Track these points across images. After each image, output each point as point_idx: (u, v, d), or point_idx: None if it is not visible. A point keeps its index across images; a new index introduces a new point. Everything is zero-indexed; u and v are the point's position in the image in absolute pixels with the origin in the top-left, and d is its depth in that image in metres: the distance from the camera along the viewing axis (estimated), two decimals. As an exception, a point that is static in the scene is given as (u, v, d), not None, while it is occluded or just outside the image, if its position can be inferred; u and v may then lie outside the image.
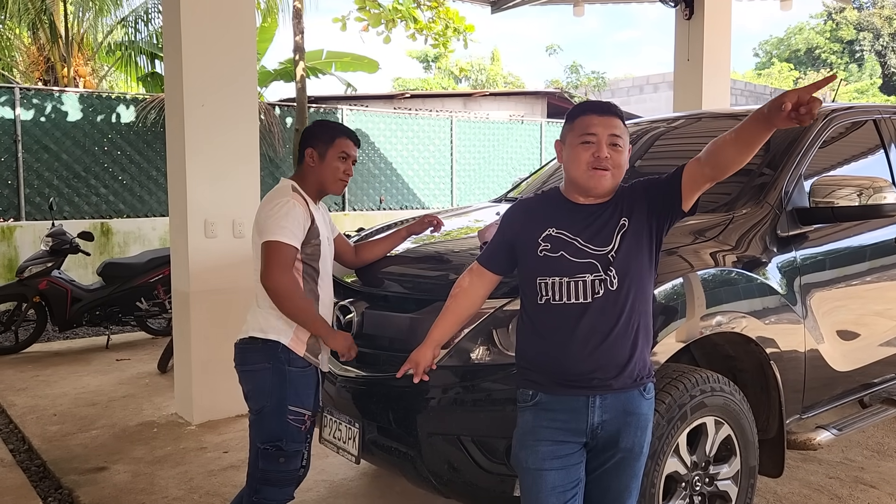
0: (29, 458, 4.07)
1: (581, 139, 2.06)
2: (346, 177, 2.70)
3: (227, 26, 4.43)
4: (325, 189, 2.69)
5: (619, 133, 2.06)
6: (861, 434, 4.15)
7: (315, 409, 2.64)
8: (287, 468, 2.58)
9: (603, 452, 2.08)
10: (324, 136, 2.67)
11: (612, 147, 2.05)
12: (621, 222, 2.06)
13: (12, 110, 8.77)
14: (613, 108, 2.11)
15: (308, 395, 2.60)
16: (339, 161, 2.66)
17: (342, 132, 2.71)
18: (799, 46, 37.65)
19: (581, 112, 2.11)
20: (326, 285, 2.69)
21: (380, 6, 10.23)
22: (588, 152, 2.04)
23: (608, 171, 2.04)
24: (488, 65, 32.40)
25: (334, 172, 2.66)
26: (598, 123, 2.05)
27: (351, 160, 2.71)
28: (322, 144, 2.66)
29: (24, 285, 6.40)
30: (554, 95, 17.03)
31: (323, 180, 2.67)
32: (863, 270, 3.36)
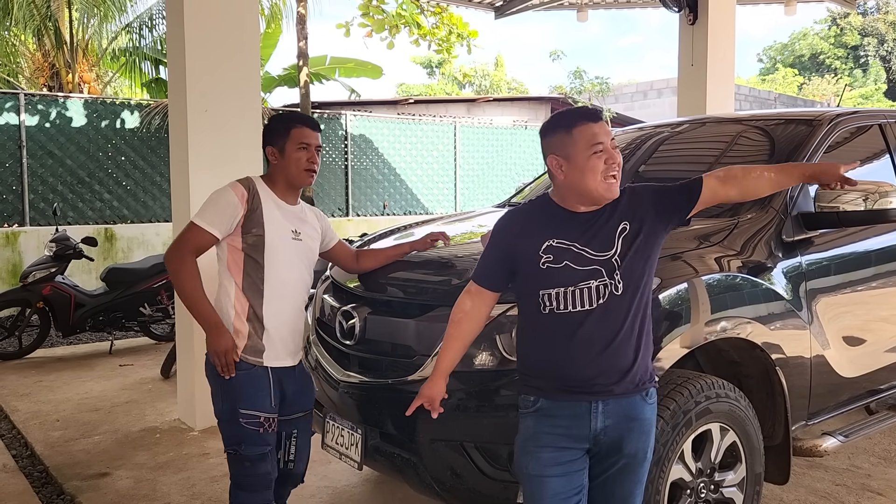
0: (31, 464, 4.06)
1: (592, 150, 2.01)
2: (311, 165, 2.60)
3: (231, 32, 4.43)
4: (293, 183, 2.61)
5: (613, 136, 2.05)
6: (867, 441, 4.12)
7: (274, 409, 2.55)
8: (254, 472, 2.54)
9: (606, 458, 2.06)
10: (279, 130, 2.59)
11: (617, 150, 2.05)
12: (622, 226, 2.04)
13: (17, 116, 8.80)
14: (600, 113, 2.13)
15: (260, 397, 2.52)
16: (300, 152, 2.58)
17: (297, 121, 2.60)
18: (803, 52, 37.64)
19: (575, 121, 2.03)
20: (281, 284, 2.57)
21: (383, 12, 10.26)
22: (602, 160, 2.01)
23: (619, 175, 2.04)
24: (492, 70, 32.44)
25: (297, 164, 2.58)
26: (601, 132, 2.02)
27: (313, 148, 2.61)
28: (279, 139, 2.58)
29: (27, 290, 6.40)
30: (558, 101, 17.03)
31: (288, 175, 2.60)
32: (869, 276, 3.34)
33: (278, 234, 2.55)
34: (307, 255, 2.66)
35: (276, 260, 2.55)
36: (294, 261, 2.60)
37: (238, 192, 2.53)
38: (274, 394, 2.56)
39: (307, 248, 2.66)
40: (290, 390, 2.63)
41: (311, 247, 2.69)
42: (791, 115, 3.64)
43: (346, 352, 2.89)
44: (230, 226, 2.51)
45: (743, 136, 3.65)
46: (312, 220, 2.73)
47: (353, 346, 2.84)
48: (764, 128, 3.63)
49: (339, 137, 11.60)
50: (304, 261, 2.65)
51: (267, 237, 2.53)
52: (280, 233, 2.56)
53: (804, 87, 33.16)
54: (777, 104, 21.06)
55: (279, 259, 2.56)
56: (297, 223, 2.63)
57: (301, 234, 2.62)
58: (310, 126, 2.61)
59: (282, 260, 2.56)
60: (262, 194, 2.57)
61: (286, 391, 2.62)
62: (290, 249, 2.59)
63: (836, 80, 33.31)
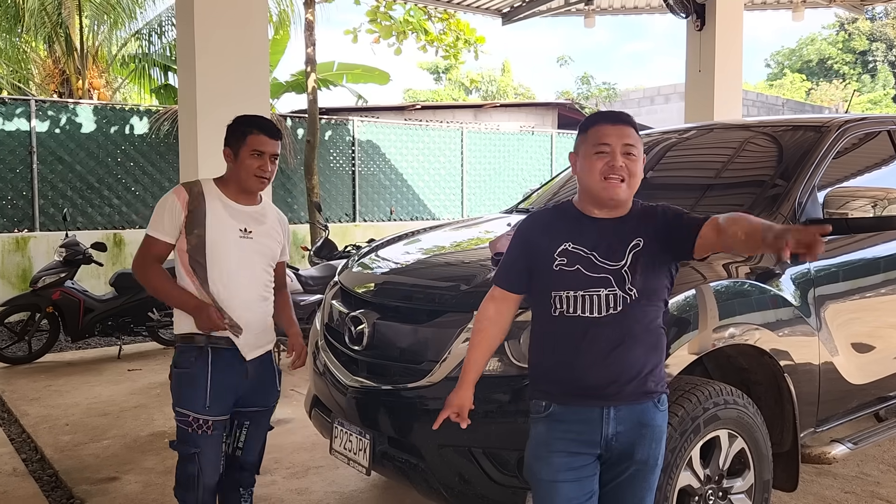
0: (41, 468, 4.08)
1: (595, 149, 2.04)
2: (262, 173, 2.57)
3: (240, 39, 4.47)
4: (244, 188, 2.61)
5: (632, 142, 2.04)
6: (877, 448, 4.10)
7: (206, 411, 2.53)
8: (183, 469, 2.59)
9: (617, 465, 2.07)
10: (236, 134, 2.59)
11: (626, 156, 2.03)
12: (635, 241, 2.04)
13: (28, 122, 8.86)
14: (626, 117, 2.10)
15: (193, 398, 2.54)
16: (253, 158, 2.56)
17: (255, 127, 2.58)
18: (811, 57, 37.56)
19: (594, 122, 2.10)
20: (227, 281, 2.56)
21: (391, 18, 10.30)
22: (602, 162, 2.02)
23: (623, 180, 2.03)
24: (499, 76, 32.50)
25: (248, 171, 2.56)
26: (611, 133, 2.04)
27: (268, 156, 2.58)
28: (235, 142, 2.58)
29: (37, 295, 6.44)
30: (565, 107, 17.05)
31: (239, 180, 2.60)
32: (878, 282, 3.33)
33: (222, 232, 2.55)
34: (261, 251, 2.64)
35: (220, 257, 2.55)
36: (243, 257, 2.58)
37: (179, 195, 2.57)
38: (210, 395, 2.54)
39: (261, 245, 2.63)
40: (244, 385, 2.61)
41: (267, 244, 2.66)
42: (799, 122, 3.64)
43: (355, 357, 2.90)
44: (176, 229, 2.55)
45: (751, 142, 3.65)
46: (273, 223, 2.71)
47: (362, 351, 2.85)
48: (772, 134, 3.63)
49: (347, 143, 11.64)
50: (258, 258, 2.63)
51: (208, 236, 2.53)
52: (224, 231, 2.55)
53: (812, 92, 33.09)
54: (785, 110, 21.02)
55: (223, 256, 2.55)
56: (249, 222, 2.61)
57: (253, 233, 2.60)
58: (267, 134, 2.58)
59: (226, 257, 2.55)
60: (209, 195, 2.58)
61: (238, 387, 2.60)
62: (236, 247, 2.57)
63: (844, 85, 33.23)
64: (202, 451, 2.56)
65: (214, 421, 2.56)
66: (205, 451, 2.57)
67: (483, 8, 9.57)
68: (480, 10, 9.63)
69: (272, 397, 2.77)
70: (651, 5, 9.77)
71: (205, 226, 2.53)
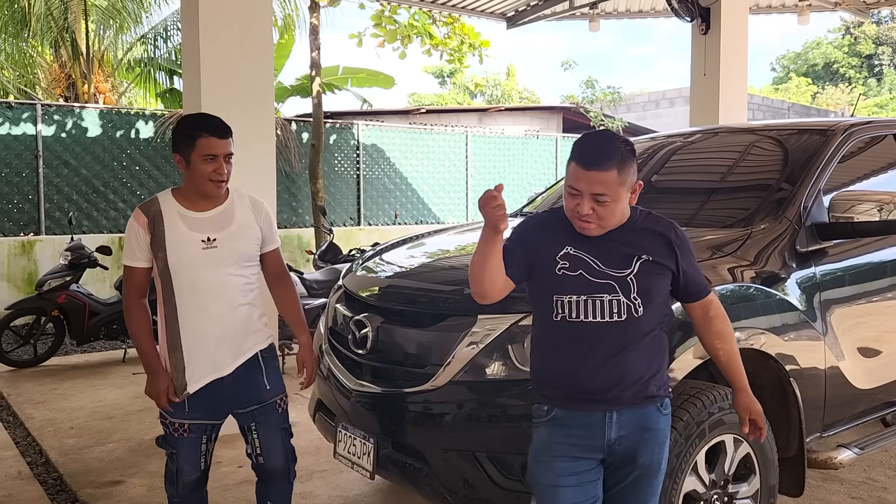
0: (46, 471, 4.09)
1: (568, 187, 2.00)
2: (217, 177, 2.46)
3: (245, 43, 4.47)
4: (203, 194, 2.50)
5: (602, 191, 1.94)
6: (884, 453, 4.08)
7: (184, 415, 2.54)
8: (167, 466, 2.64)
9: (620, 469, 2.06)
10: (185, 138, 2.46)
11: (595, 202, 1.96)
12: (645, 256, 2.03)
13: (34, 126, 8.90)
14: (602, 161, 1.93)
15: (173, 407, 2.56)
16: (206, 164, 2.44)
17: (202, 130, 2.45)
18: (817, 61, 37.50)
19: (573, 157, 1.99)
20: (195, 296, 2.48)
21: (396, 22, 10.32)
22: (573, 202, 1.99)
23: (592, 223, 1.99)
24: (503, 80, 32.53)
25: (202, 176, 2.45)
26: (582, 178, 1.95)
27: (221, 157, 2.46)
28: (185, 148, 2.46)
29: (43, 299, 6.46)
30: (569, 110, 17.03)
31: (195, 187, 2.49)
32: (884, 286, 3.32)
33: (182, 249, 2.47)
34: (229, 258, 2.52)
35: (184, 274, 2.48)
36: (209, 267, 2.49)
37: (139, 219, 2.50)
38: (189, 402, 2.55)
39: (228, 250, 2.51)
40: (227, 395, 2.58)
41: (235, 247, 2.53)
42: (805, 126, 3.63)
43: (359, 361, 2.89)
44: (146, 252, 2.50)
45: (756, 146, 3.64)
46: (243, 218, 2.57)
47: (366, 355, 2.85)
48: (777, 138, 3.62)
49: (351, 147, 11.65)
50: (225, 265, 2.51)
51: (169, 257, 2.47)
52: (184, 248, 2.47)
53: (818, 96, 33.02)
54: (790, 114, 20.97)
55: (187, 272, 2.48)
56: (212, 229, 2.50)
57: (217, 241, 2.49)
58: (216, 134, 2.46)
59: (191, 273, 2.48)
60: (166, 212, 2.49)
61: (222, 393, 2.56)
62: (199, 260, 2.48)
63: (850, 89, 33.16)
64: (179, 451, 2.60)
65: (191, 424, 2.57)
66: (181, 451, 2.61)
67: (488, 12, 9.57)
68: (485, 14, 9.64)
69: (267, 393, 2.62)
70: (656, 9, 9.77)
71: (166, 247, 2.46)
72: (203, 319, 2.51)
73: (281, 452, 2.64)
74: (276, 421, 2.65)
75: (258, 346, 2.63)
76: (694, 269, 2.13)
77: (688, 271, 2.10)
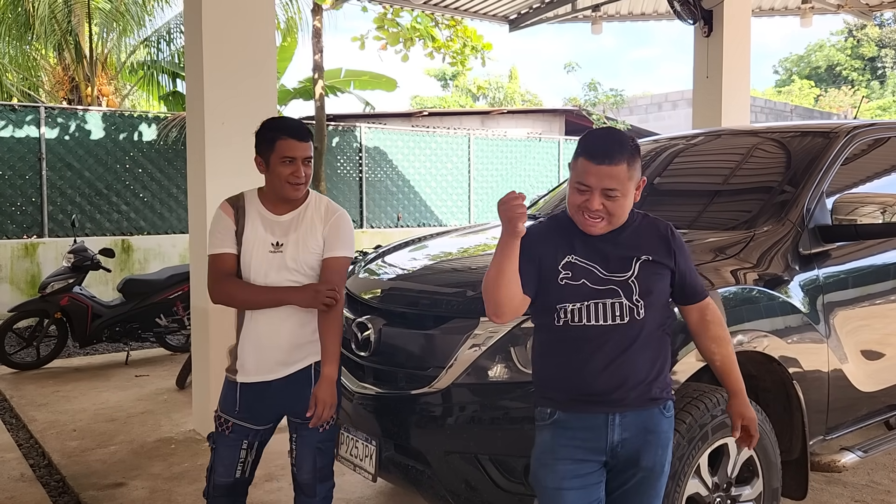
0: (48, 474, 4.09)
1: (576, 184, 1.99)
2: (295, 179, 2.47)
3: (248, 46, 4.48)
4: (280, 196, 2.53)
5: (613, 186, 1.94)
6: (887, 456, 4.07)
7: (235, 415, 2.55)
8: (213, 458, 2.62)
9: (623, 472, 2.05)
10: (266, 140, 2.49)
11: (606, 198, 1.96)
12: (645, 256, 2.03)
13: (37, 129, 8.92)
14: (612, 154, 1.94)
15: (227, 401, 2.59)
16: (284, 165, 2.45)
17: (283, 132, 2.47)
18: (819, 64, 37.47)
19: (581, 152, 1.98)
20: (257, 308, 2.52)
21: (398, 25, 10.34)
22: (581, 198, 1.98)
23: (601, 219, 1.99)
24: (506, 82, 32.52)
25: (280, 178, 2.47)
26: (592, 174, 1.94)
27: (300, 160, 2.46)
28: (265, 150, 2.49)
29: (45, 301, 6.47)
30: (572, 113, 17.05)
31: (274, 188, 2.51)
32: (887, 289, 3.31)
33: (253, 249, 2.49)
34: (291, 263, 2.50)
35: (249, 277, 2.50)
36: (270, 274, 2.49)
37: (226, 210, 2.54)
38: (240, 402, 2.56)
39: (290, 256, 2.50)
40: (271, 401, 2.56)
41: (297, 255, 2.50)
42: (807, 128, 3.62)
43: (361, 363, 2.89)
44: (233, 239, 2.51)
45: (759, 148, 3.64)
46: (310, 226, 2.53)
47: (368, 357, 2.85)
48: (780, 140, 3.62)
49: (354, 150, 11.66)
50: (285, 273, 2.49)
51: (242, 254, 2.50)
52: (255, 248, 2.49)
53: (821, 98, 32.99)
54: (793, 116, 20.95)
55: (251, 276, 2.50)
56: (282, 233, 2.51)
57: (283, 245, 2.49)
58: (297, 137, 2.47)
59: (256, 273, 2.50)
60: (249, 209, 2.53)
61: (272, 398, 2.55)
62: (263, 264, 2.49)
63: (853, 91, 33.12)
64: (217, 448, 2.60)
65: (234, 423, 2.57)
66: (219, 449, 2.60)
67: (490, 14, 9.58)
68: (487, 17, 9.65)
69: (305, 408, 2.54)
70: (658, 12, 9.77)
71: (241, 243, 2.50)
72: (260, 321, 2.52)
73: (310, 470, 2.60)
74: (312, 440, 2.59)
75: (312, 358, 2.55)
76: (691, 270, 2.13)
77: (685, 272, 2.10)
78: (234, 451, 2.59)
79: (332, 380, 2.48)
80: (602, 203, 1.96)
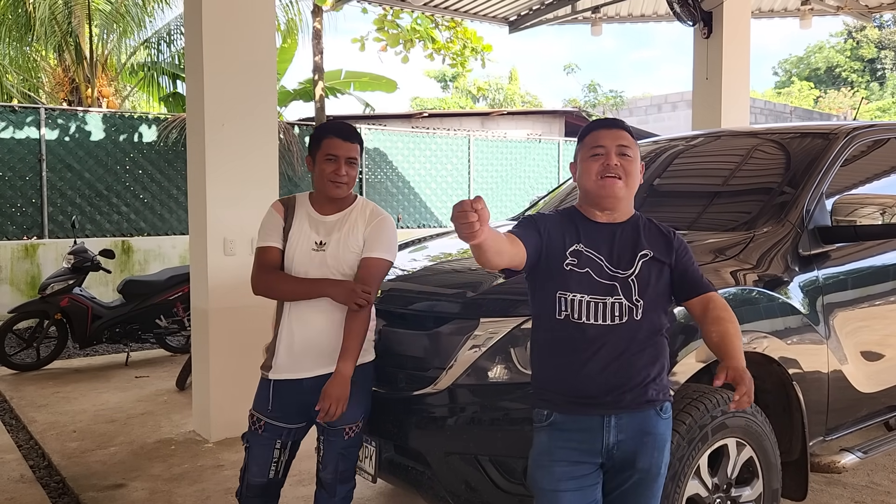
0: (48, 475, 4.09)
1: (591, 152, 2.11)
2: (335, 177, 2.53)
3: (248, 47, 4.49)
4: (324, 193, 2.59)
5: (626, 143, 2.10)
6: (887, 457, 4.07)
7: (268, 414, 2.58)
8: (246, 457, 2.65)
9: (620, 473, 2.06)
10: (315, 140, 2.60)
11: (621, 157, 2.08)
12: (645, 251, 2.06)
13: (37, 130, 8.93)
14: (620, 122, 2.17)
15: (260, 399, 2.62)
16: (327, 163, 2.54)
17: (329, 131, 2.57)
18: (819, 65, 37.47)
19: (589, 129, 2.17)
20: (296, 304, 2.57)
21: (398, 27, 10.35)
22: (598, 163, 2.08)
23: (619, 178, 2.06)
24: (506, 84, 32.53)
25: (322, 175, 2.55)
26: (605, 136, 2.11)
27: (343, 160, 2.52)
28: (313, 148, 2.60)
29: (45, 302, 6.47)
30: (572, 114, 17.06)
31: (317, 185, 2.60)
32: (887, 290, 3.31)
33: (298, 247, 2.57)
34: (333, 263, 2.55)
35: (293, 269, 2.58)
36: (311, 272, 2.55)
37: (277, 208, 2.65)
38: (273, 400, 2.59)
39: (334, 258, 2.55)
40: (302, 400, 2.57)
41: (336, 254, 2.55)
42: (807, 129, 3.63)
43: (361, 364, 2.89)
44: (280, 235, 2.60)
45: (758, 149, 3.64)
46: (352, 227, 2.58)
47: (368, 358, 2.84)
48: (780, 141, 3.62)
49: (354, 151, 11.66)
50: (329, 269, 2.54)
51: (287, 250, 2.59)
52: (300, 245, 2.57)
53: (820, 100, 33.00)
54: (793, 118, 20.96)
55: (296, 269, 2.57)
56: (325, 233, 2.57)
57: (326, 244, 2.55)
58: (341, 136, 2.56)
59: (298, 270, 2.57)
60: (299, 209, 2.63)
61: (305, 399, 2.56)
62: (306, 262, 2.55)
63: (852, 93, 33.14)
64: (251, 448, 2.63)
65: (267, 422, 2.59)
66: (253, 448, 2.63)
67: (490, 16, 9.59)
68: (487, 19, 9.65)
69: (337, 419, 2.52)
70: (658, 13, 9.77)
71: (287, 240, 2.59)
72: (298, 318, 2.57)
73: (332, 472, 2.65)
74: (338, 445, 2.61)
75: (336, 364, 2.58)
76: (693, 264, 2.15)
77: (687, 268, 2.12)
78: (268, 451, 2.62)
79: (345, 376, 2.49)
80: (618, 162, 2.07)
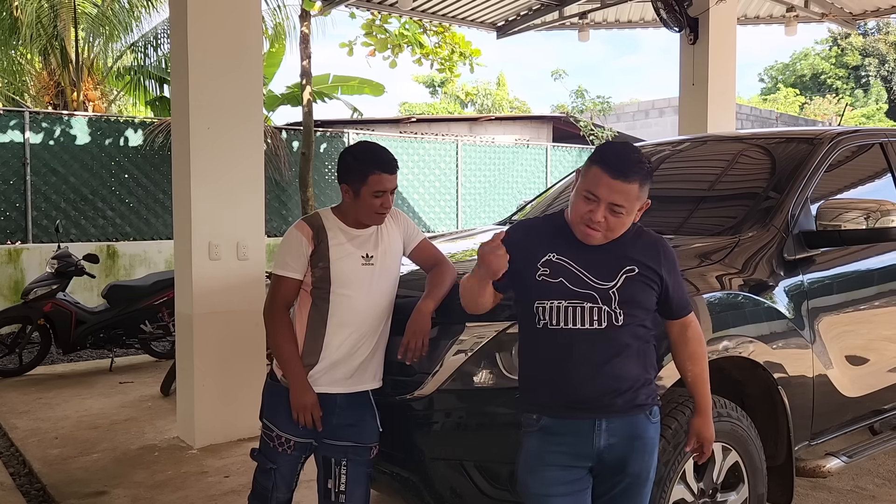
0: (29, 482, 4.04)
1: (584, 192, 2.00)
2: (383, 210, 2.53)
3: (234, 51, 4.46)
4: (364, 223, 2.57)
5: (621, 202, 1.96)
6: (871, 461, 4.08)
7: (290, 430, 2.52)
8: (258, 479, 2.59)
9: (610, 478, 2.05)
10: (356, 174, 2.50)
11: (610, 212, 1.98)
12: (629, 267, 2.03)
13: (22, 134, 8.85)
14: (628, 172, 1.96)
15: (278, 413, 2.53)
16: (374, 198, 2.49)
17: (375, 167, 2.49)
18: (804, 72, 37.78)
19: (598, 161, 1.99)
20: (345, 313, 2.52)
21: (386, 31, 10.33)
22: (586, 207, 1.99)
23: (599, 232, 2.00)
24: (494, 89, 32.62)
25: (369, 209, 2.51)
26: (605, 186, 1.95)
27: (389, 192, 2.53)
28: (355, 181, 2.49)
29: (28, 307, 6.41)
30: (560, 120, 17.09)
31: (358, 216, 2.56)
32: (871, 294, 3.33)
33: (346, 263, 2.51)
34: (384, 277, 2.58)
35: (343, 289, 2.51)
36: (365, 287, 2.53)
37: (303, 230, 2.54)
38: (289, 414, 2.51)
39: (383, 269, 2.57)
40: (331, 417, 2.53)
41: (389, 266, 2.60)
42: (792, 134, 3.65)
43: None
44: (303, 265, 2.52)
45: (744, 154, 3.65)
46: (390, 234, 2.63)
47: (353, 363, 2.82)
48: (765, 146, 3.64)
49: (342, 156, 11.63)
50: (380, 285, 2.56)
51: (333, 269, 2.50)
52: (348, 262, 2.52)
53: (806, 106, 33.25)
54: (778, 123, 21.12)
55: (346, 289, 2.51)
56: (371, 247, 2.57)
57: (374, 258, 2.55)
58: (389, 171, 2.52)
59: (349, 289, 2.51)
60: (329, 227, 2.55)
61: (330, 416, 2.53)
62: (359, 277, 2.53)
63: (837, 99, 33.41)
64: (278, 468, 2.56)
65: (297, 442, 2.54)
66: (281, 468, 2.56)
67: (478, 21, 9.60)
68: (475, 24, 9.67)
69: (366, 436, 2.57)
70: (645, 19, 9.82)
71: (329, 258, 2.50)
72: (344, 335, 2.52)
73: (362, 497, 2.58)
74: (365, 462, 2.59)
75: (373, 383, 2.60)
76: (679, 286, 2.13)
77: (672, 287, 2.10)
78: (295, 467, 2.60)
79: (425, 311, 2.52)
80: (605, 216, 1.97)
